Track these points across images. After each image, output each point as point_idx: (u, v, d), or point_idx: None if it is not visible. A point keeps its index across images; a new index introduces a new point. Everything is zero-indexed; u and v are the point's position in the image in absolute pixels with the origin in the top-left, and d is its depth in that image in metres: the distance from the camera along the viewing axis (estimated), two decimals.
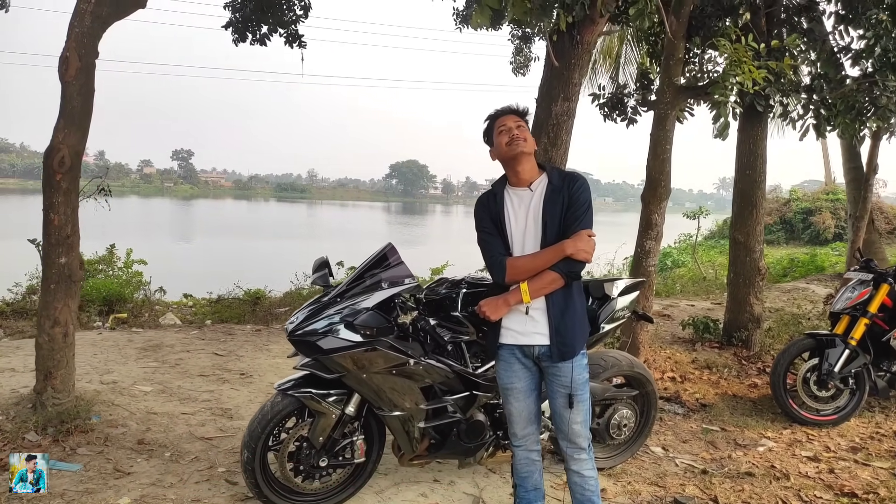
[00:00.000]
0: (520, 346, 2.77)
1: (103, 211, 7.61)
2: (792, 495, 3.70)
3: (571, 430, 2.78)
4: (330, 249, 4.75)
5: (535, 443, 2.94)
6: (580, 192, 2.71)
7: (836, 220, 23.53)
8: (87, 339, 6.16)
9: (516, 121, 2.77)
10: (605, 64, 13.11)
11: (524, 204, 2.75)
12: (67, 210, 3.95)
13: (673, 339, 7.11)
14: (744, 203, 6.66)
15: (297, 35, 7.58)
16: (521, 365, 2.80)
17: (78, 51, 3.85)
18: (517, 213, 2.76)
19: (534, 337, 2.73)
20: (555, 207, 2.68)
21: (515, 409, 2.86)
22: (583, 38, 5.38)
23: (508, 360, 2.81)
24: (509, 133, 2.73)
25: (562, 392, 2.74)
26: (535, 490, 2.97)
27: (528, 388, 2.84)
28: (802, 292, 10.82)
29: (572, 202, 2.69)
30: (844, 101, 6.02)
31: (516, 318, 2.75)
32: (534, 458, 2.94)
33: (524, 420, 2.87)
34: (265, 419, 3.07)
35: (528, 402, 2.86)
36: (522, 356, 2.79)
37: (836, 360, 4.81)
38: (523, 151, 2.72)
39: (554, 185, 2.73)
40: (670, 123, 5.69)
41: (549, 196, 2.71)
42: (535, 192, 2.75)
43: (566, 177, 2.77)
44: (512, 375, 2.82)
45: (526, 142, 2.72)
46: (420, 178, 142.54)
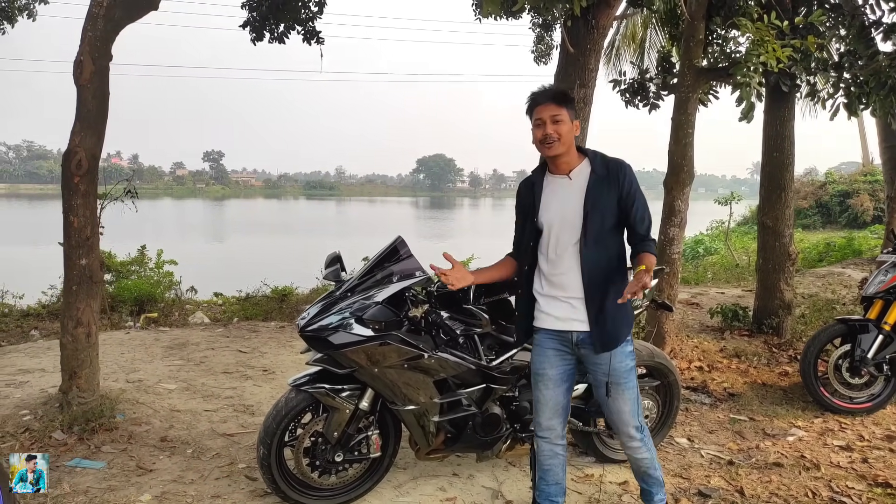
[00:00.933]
0: (557, 332, 2.73)
1: (140, 213, 7.78)
2: (822, 486, 3.58)
3: (619, 418, 2.77)
4: (357, 245, 4.77)
5: (560, 437, 2.89)
6: (634, 183, 2.68)
7: (874, 202, 22.81)
8: (116, 338, 6.28)
9: (554, 112, 2.63)
10: (630, 49, 12.88)
11: (562, 192, 2.71)
12: (86, 212, 4.01)
13: (701, 327, 6.96)
14: (772, 186, 6.47)
15: (315, 32, 7.60)
16: (556, 352, 2.77)
17: (91, 54, 3.89)
18: (552, 201, 2.73)
19: (572, 323, 2.70)
20: (598, 198, 2.63)
21: (544, 396, 2.81)
22: (598, 23, 5.28)
23: (543, 346, 2.78)
24: (543, 129, 2.64)
25: (602, 381, 2.72)
26: (556, 485, 2.93)
27: (559, 378, 2.79)
28: (838, 277, 10.51)
29: (628, 194, 2.65)
30: (876, 77, 5.80)
31: (555, 303, 2.72)
32: (557, 452, 2.90)
33: (550, 410, 2.82)
34: (279, 415, 3.07)
35: (558, 392, 2.80)
36: (560, 343, 2.75)
37: (869, 345, 4.64)
38: (557, 154, 2.66)
39: (598, 174, 2.66)
40: (692, 107, 5.55)
41: (593, 185, 2.64)
42: (575, 180, 2.70)
43: (611, 165, 2.69)
44: (545, 361, 2.78)
45: (560, 141, 2.63)
46: (447, 172, 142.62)
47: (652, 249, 2.68)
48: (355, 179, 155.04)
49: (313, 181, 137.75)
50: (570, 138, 2.66)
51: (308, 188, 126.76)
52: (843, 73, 5.90)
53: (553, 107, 2.64)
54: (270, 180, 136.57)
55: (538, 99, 2.69)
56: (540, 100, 2.68)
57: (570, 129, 2.66)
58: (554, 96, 2.67)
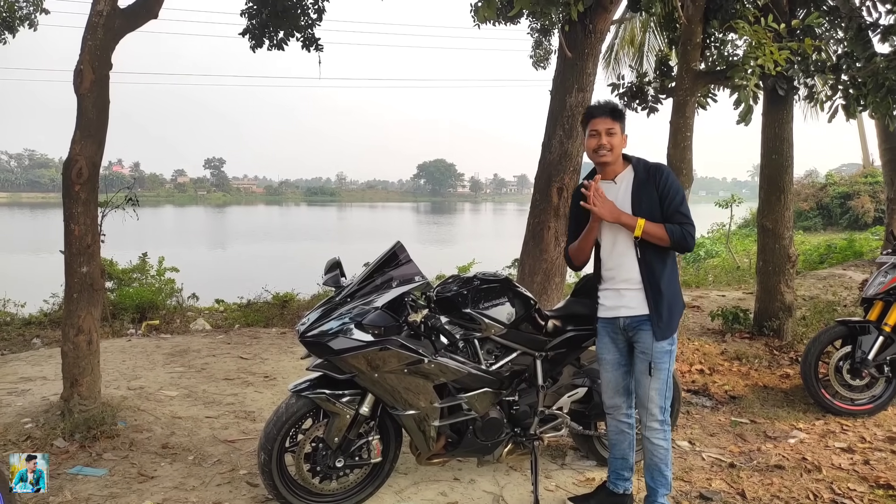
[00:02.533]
0: (609, 319, 3.06)
1: (142, 221, 7.80)
2: (824, 488, 3.57)
3: (648, 396, 2.97)
4: (358, 250, 4.79)
5: (625, 415, 3.16)
6: (670, 183, 2.95)
7: (875, 203, 22.80)
8: (117, 346, 6.29)
9: (609, 125, 2.93)
10: (629, 53, 12.92)
11: (610, 196, 2.96)
12: (87, 220, 4.02)
13: (702, 330, 6.96)
14: (771, 189, 6.48)
15: (314, 38, 7.63)
16: (610, 338, 3.09)
17: (91, 63, 3.92)
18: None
19: (619, 310, 3.01)
20: (641, 200, 2.93)
21: (604, 378, 3.16)
22: (595, 27, 5.29)
23: (602, 333, 3.13)
24: (598, 139, 2.94)
25: (642, 358, 2.97)
26: (622, 459, 3.20)
27: (616, 362, 3.10)
28: (839, 279, 10.50)
29: (665, 194, 2.93)
30: (874, 79, 5.81)
31: (607, 293, 3.06)
32: (623, 430, 3.17)
33: (611, 390, 3.14)
34: (280, 421, 3.08)
35: (616, 375, 3.12)
36: (612, 329, 3.07)
37: (869, 347, 4.64)
38: (607, 162, 2.98)
39: (640, 178, 2.98)
40: (690, 110, 5.56)
41: (636, 189, 2.96)
42: (620, 185, 3.01)
43: (651, 169, 2.99)
44: (603, 347, 3.13)
45: (612, 151, 2.95)
46: (448, 177, 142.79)
47: (669, 229, 2.89)
48: (356, 185, 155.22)
49: (314, 187, 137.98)
50: (619, 150, 2.99)
51: (309, 194, 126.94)
52: (841, 74, 5.91)
53: (609, 120, 2.94)
54: (271, 187, 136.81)
55: (595, 112, 3.00)
56: (597, 113, 2.98)
57: (621, 142, 2.98)
58: (611, 111, 2.96)
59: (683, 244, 2.93)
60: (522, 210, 36.22)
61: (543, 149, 5.83)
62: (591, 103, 5.86)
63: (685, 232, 2.92)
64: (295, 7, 7.20)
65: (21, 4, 7.56)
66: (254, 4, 7.18)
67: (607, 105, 3.00)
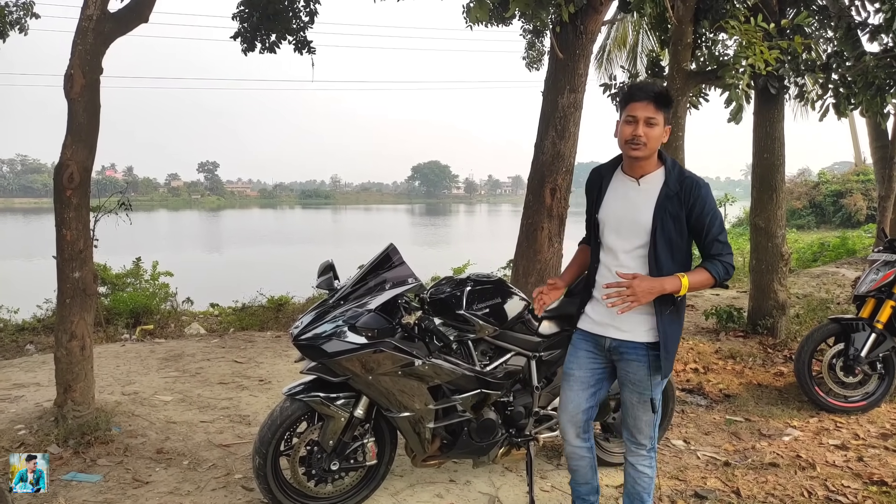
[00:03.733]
0: (592, 335, 2.69)
1: (136, 225, 7.76)
2: (818, 485, 3.59)
3: (636, 425, 2.71)
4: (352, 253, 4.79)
5: (583, 439, 2.81)
6: (708, 205, 2.49)
7: (867, 201, 22.96)
8: (111, 351, 6.27)
9: (651, 114, 2.44)
10: (621, 54, 12.97)
11: (626, 196, 2.59)
12: (79, 225, 4.01)
13: (696, 329, 6.98)
14: (763, 187, 6.51)
15: (306, 41, 7.62)
16: (588, 354, 2.72)
17: (82, 68, 3.90)
18: (617, 201, 2.61)
19: (608, 329, 2.63)
20: (665, 218, 2.48)
21: (566, 398, 2.78)
22: (586, 28, 5.31)
23: (577, 346, 2.76)
24: (634, 128, 2.45)
25: (632, 390, 2.65)
26: (585, 485, 2.93)
27: (585, 381, 2.73)
28: (832, 277, 10.55)
29: (701, 218, 2.49)
30: (863, 77, 5.85)
31: (598, 307, 2.66)
32: (583, 454, 2.85)
33: (570, 413, 2.77)
34: (274, 425, 3.07)
35: (582, 397, 2.74)
36: (593, 346, 2.70)
37: (862, 344, 4.66)
38: (639, 156, 2.50)
39: (669, 188, 2.50)
40: (681, 110, 5.59)
41: (662, 202, 2.49)
42: (644, 189, 2.55)
43: (686, 183, 2.50)
44: (574, 362, 2.75)
45: (647, 146, 2.46)
46: (442, 179, 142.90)
47: (713, 271, 2.51)
48: (350, 188, 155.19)
49: (308, 190, 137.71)
50: (656, 144, 2.50)
51: (303, 197, 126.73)
52: (832, 73, 5.95)
53: (651, 108, 2.44)
54: (266, 190, 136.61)
55: (637, 95, 2.48)
56: (638, 96, 2.47)
57: (661, 135, 2.49)
58: (656, 97, 2.45)
59: (727, 279, 2.54)
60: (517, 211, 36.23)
61: (536, 150, 5.85)
62: (582, 103, 5.91)
63: (727, 266, 2.52)
64: (286, 10, 7.20)
65: (11, 9, 7.53)
66: (245, 8, 7.17)
67: (652, 87, 2.49)
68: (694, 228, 2.52)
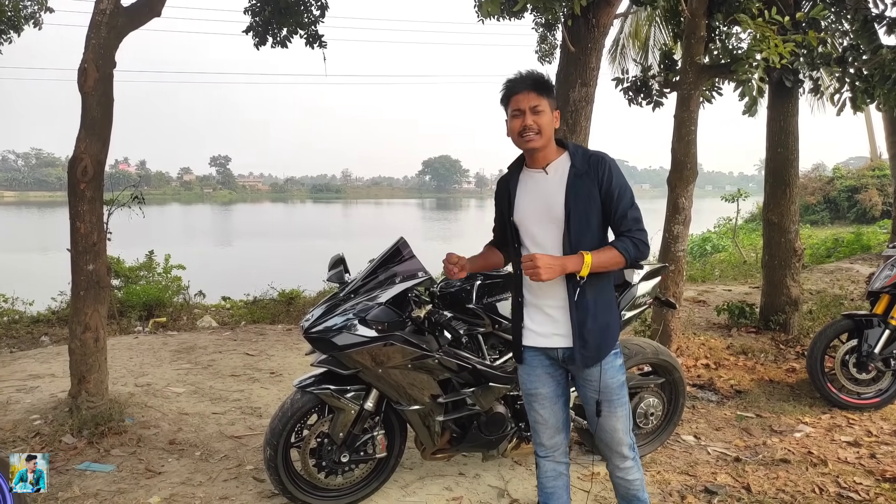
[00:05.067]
0: (542, 349, 2.51)
1: (148, 219, 7.83)
2: (829, 482, 3.57)
3: (612, 438, 2.53)
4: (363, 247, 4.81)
5: (564, 454, 2.65)
6: (616, 178, 2.39)
7: (883, 196, 22.71)
8: (124, 343, 6.33)
9: (534, 101, 2.36)
10: (634, 47, 12.87)
11: (537, 188, 2.47)
12: (93, 218, 4.05)
13: (708, 325, 6.94)
14: (776, 182, 6.45)
15: (318, 35, 7.62)
16: (546, 369, 2.54)
17: (95, 62, 3.94)
18: (527, 197, 2.50)
19: (553, 339, 2.47)
20: (578, 196, 2.37)
21: (542, 416, 2.58)
22: (598, 22, 5.28)
23: (532, 364, 2.55)
24: (522, 120, 2.37)
25: (592, 398, 2.50)
26: None
27: (554, 394, 2.56)
28: (846, 272, 10.45)
29: (610, 192, 2.38)
30: (880, 71, 5.77)
31: (538, 316, 2.49)
32: (561, 472, 2.65)
33: (552, 429, 2.59)
34: (285, 416, 3.10)
35: (556, 409, 2.58)
36: (546, 359, 2.53)
37: (875, 340, 4.62)
38: (536, 147, 2.41)
39: (577, 168, 2.40)
40: (694, 104, 5.54)
41: (573, 182, 2.37)
42: (553, 175, 2.44)
43: (592, 159, 2.41)
44: (536, 380, 2.55)
45: (540, 134, 2.37)
46: (453, 174, 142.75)
47: (621, 248, 2.37)
48: (361, 182, 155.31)
49: (319, 184, 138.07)
50: (550, 130, 2.41)
51: (314, 192, 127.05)
52: (848, 67, 5.88)
53: (533, 96, 2.36)
54: (277, 184, 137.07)
55: (516, 86, 2.40)
56: (518, 87, 2.40)
57: (551, 121, 2.40)
58: (534, 84, 2.38)
59: (639, 259, 2.41)
60: None
61: None
62: (594, 98, 5.88)
63: (638, 243, 2.38)
64: (297, 4, 7.20)
65: (26, 3, 7.59)
66: (257, 2, 7.19)
67: (529, 76, 2.39)
68: (604, 204, 2.40)
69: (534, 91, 2.37)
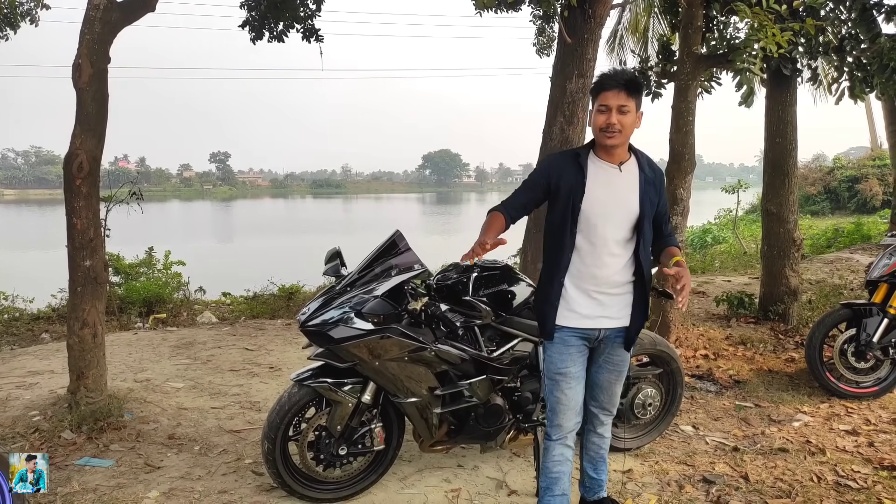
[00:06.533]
0: (583, 329, 2.64)
1: (148, 215, 7.82)
2: (828, 470, 3.57)
3: (611, 400, 2.84)
4: (363, 240, 4.80)
5: (573, 439, 2.78)
6: (664, 189, 2.77)
7: (883, 186, 22.67)
8: (124, 339, 6.33)
9: (623, 101, 2.48)
10: (633, 38, 12.81)
11: (611, 181, 2.60)
12: (89, 214, 4.04)
13: (707, 315, 6.94)
14: (775, 172, 6.44)
15: (314, 30, 7.59)
16: (578, 349, 2.68)
17: (90, 57, 3.92)
18: (601, 188, 2.58)
19: (600, 321, 2.64)
20: (650, 199, 2.63)
21: (566, 397, 2.68)
22: (595, 13, 5.26)
23: (567, 343, 2.65)
24: (608, 117, 2.49)
25: (613, 371, 2.77)
26: (562, 496, 2.78)
27: (580, 374, 2.72)
28: (846, 262, 10.44)
29: (662, 198, 2.73)
30: (879, 60, 5.74)
31: (584, 299, 2.62)
32: (568, 457, 2.78)
33: (573, 410, 2.71)
34: (283, 410, 3.10)
35: (579, 389, 2.73)
36: (583, 340, 2.67)
37: (874, 329, 4.62)
38: (615, 145, 2.56)
39: (646, 174, 2.64)
40: (692, 94, 5.53)
41: (644, 188, 2.62)
42: (626, 173, 2.62)
43: (655, 169, 2.72)
44: (567, 359, 2.66)
45: (622, 133, 2.51)
46: (453, 167, 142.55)
47: (677, 243, 2.81)
48: (361, 177, 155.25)
49: (319, 179, 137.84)
50: (631, 130, 2.56)
51: (314, 187, 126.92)
52: (846, 56, 5.85)
53: (623, 95, 2.48)
54: (277, 180, 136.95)
55: (608, 83, 2.51)
56: (609, 84, 2.50)
57: (634, 121, 2.55)
58: (626, 84, 2.49)
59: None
60: None
61: (544, 136, 5.81)
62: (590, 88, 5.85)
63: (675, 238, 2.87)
64: None
65: (22, 0, 7.56)
66: None
67: (622, 75, 2.51)
68: (658, 211, 2.71)
69: (625, 91, 2.49)
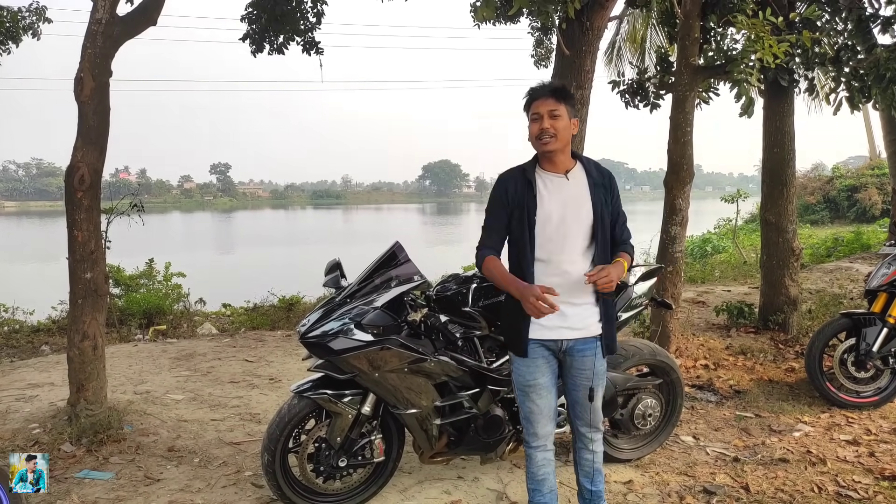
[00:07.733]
0: (544, 341, 2.67)
1: (149, 227, 7.84)
2: (828, 480, 3.56)
3: (594, 416, 2.78)
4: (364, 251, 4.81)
5: (552, 442, 2.84)
6: (617, 190, 2.77)
7: (882, 195, 22.72)
8: (124, 351, 6.33)
9: (552, 107, 2.56)
10: (631, 50, 12.89)
11: (561, 190, 2.63)
12: (90, 226, 4.06)
13: (707, 325, 6.94)
14: (773, 182, 6.46)
15: (314, 42, 7.66)
16: (544, 360, 2.71)
17: (91, 71, 3.95)
18: (551, 198, 2.62)
19: (561, 332, 2.65)
20: (601, 201, 2.64)
21: (538, 406, 2.74)
22: (592, 25, 5.30)
23: (532, 356, 2.69)
24: (540, 124, 2.57)
25: (585, 385, 2.71)
26: (550, 493, 2.85)
27: (549, 384, 2.74)
28: (845, 272, 10.45)
29: (616, 202, 2.74)
30: (875, 70, 5.78)
31: None
32: (550, 458, 2.84)
33: (546, 418, 2.76)
34: (283, 422, 3.10)
35: (550, 399, 2.76)
36: (546, 350, 2.70)
37: (874, 339, 4.62)
38: (552, 150, 2.60)
39: (594, 178, 2.67)
40: (689, 105, 5.56)
41: (594, 192, 2.64)
42: (573, 181, 2.65)
43: (604, 172, 2.74)
44: (535, 371, 2.70)
45: (556, 138, 2.57)
46: (453, 178, 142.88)
47: (630, 252, 2.78)
48: (361, 187, 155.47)
49: (320, 190, 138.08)
50: (566, 135, 2.60)
51: (315, 197, 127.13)
52: (842, 67, 5.89)
53: (552, 102, 2.58)
54: (277, 191, 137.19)
55: (537, 93, 2.63)
56: (538, 94, 2.62)
57: (568, 126, 2.60)
58: (553, 91, 2.60)
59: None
60: None
61: None
62: (589, 100, 5.89)
63: (632, 250, 2.81)
64: (293, 11, 7.23)
65: (24, 14, 7.62)
66: (253, 9, 7.22)
67: (549, 84, 2.64)
68: (612, 213, 2.73)
69: (552, 97, 2.59)
